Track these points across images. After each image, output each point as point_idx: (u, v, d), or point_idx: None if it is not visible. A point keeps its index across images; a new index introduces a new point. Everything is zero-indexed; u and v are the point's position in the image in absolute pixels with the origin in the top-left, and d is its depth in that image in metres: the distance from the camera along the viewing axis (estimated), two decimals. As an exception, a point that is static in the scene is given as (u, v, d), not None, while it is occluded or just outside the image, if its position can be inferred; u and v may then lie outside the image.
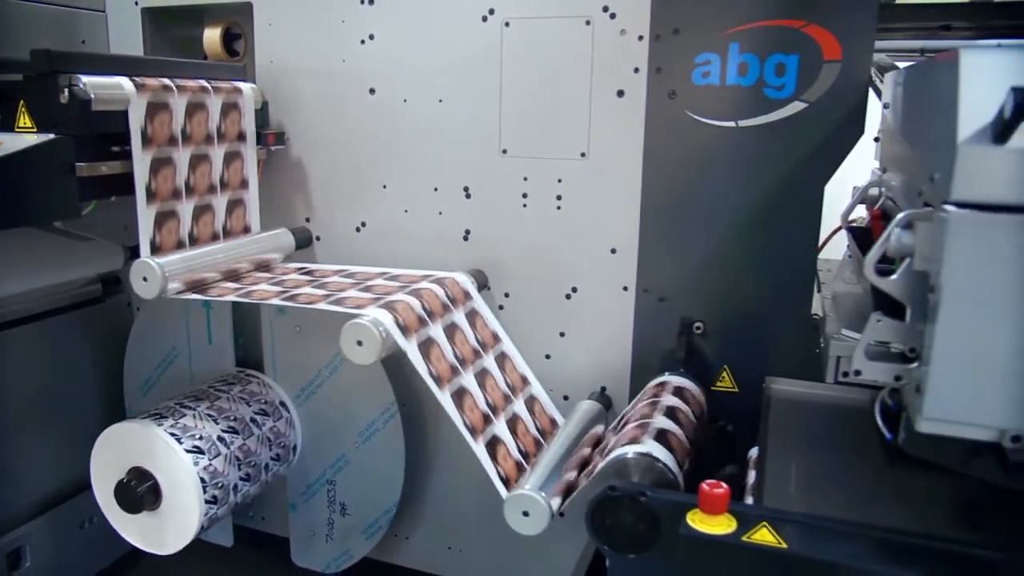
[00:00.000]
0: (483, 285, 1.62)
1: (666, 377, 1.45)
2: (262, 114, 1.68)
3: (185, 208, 1.49)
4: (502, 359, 1.50)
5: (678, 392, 1.38)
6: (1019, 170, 0.78)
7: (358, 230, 1.72)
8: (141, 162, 1.37)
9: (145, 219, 1.40)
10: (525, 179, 1.57)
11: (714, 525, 0.98)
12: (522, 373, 1.53)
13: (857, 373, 0.99)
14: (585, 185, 1.53)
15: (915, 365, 0.93)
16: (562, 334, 1.60)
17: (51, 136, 1.28)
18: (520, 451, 1.35)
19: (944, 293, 0.83)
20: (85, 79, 1.29)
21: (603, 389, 1.59)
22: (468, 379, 1.36)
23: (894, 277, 0.94)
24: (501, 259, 1.62)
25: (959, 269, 0.82)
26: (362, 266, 1.67)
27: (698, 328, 1.50)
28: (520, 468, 1.33)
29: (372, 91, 1.64)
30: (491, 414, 1.36)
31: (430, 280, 1.50)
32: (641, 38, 1.44)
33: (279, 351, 1.74)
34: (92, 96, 1.29)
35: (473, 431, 1.29)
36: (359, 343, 1.26)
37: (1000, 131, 0.77)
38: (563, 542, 1.59)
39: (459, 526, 1.77)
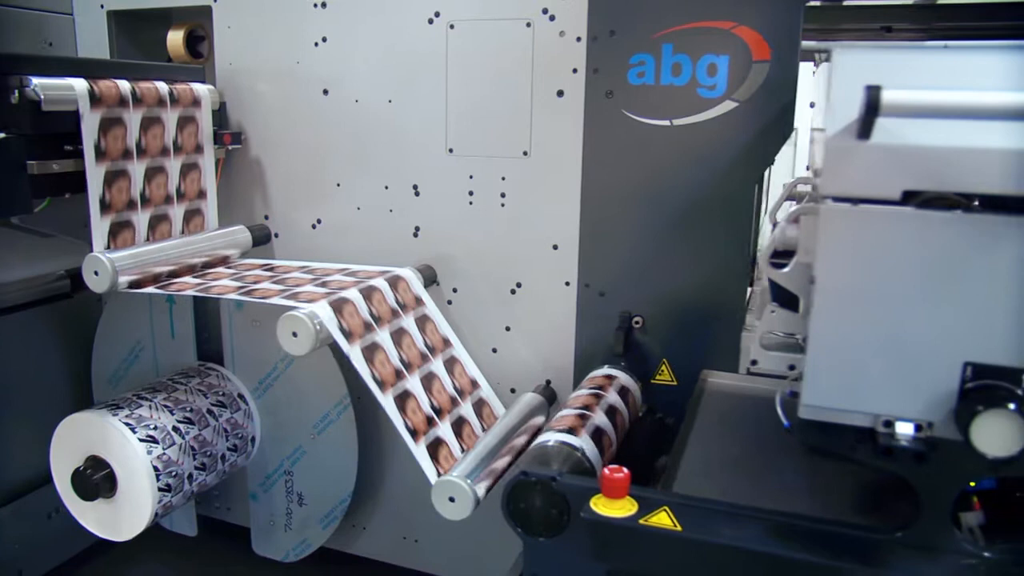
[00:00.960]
0: (432, 280, 1.66)
1: (606, 370, 1.49)
2: (220, 114, 1.73)
3: (140, 218, 1.53)
4: (452, 363, 1.54)
5: (621, 392, 1.41)
6: (883, 164, 0.82)
7: (314, 227, 1.76)
8: (95, 175, 1.42)
9: (99, 229, 1.45)
10: (471, 177, 1.61)
11: (615, 508, 1.02)
12: (472, 377, 1.57)
13: (754, 363, 1.03)
14: (528, 183, 1.57)
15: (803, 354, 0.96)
16: (508, 328, 1.64)
17: (2, 135, 1.33)
18: (463, 452, 1.39)
19: (818, 284, 0.86)
20: (36, 80, 1.34)
21: (548, 382, 1.63)
22: (413, 383, 1.40)
23: (786, 270, 0.97)
24: (449, 255, 1.66)
25: (831, 260, 0.85)
26: (322, 262, 1.71)
27: (637, 322, 1.53)
28: (463, 468, 1.36)
29: (325, 92, 1.69)
30: (435, 416, 1.40)
31: (385, 278, 1.53)
32: (579, 39, 1.48)
33: (238, 345, 1.79)
34: (42, 97, 1.34)
35: (414, 433, 1.33)
36: (294, 334, 1.30)
37: (861, 127, 0.80)
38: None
39: (414, 517, 1.81)
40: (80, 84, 1.38)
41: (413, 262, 1.66)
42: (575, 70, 1.49)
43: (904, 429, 0.86)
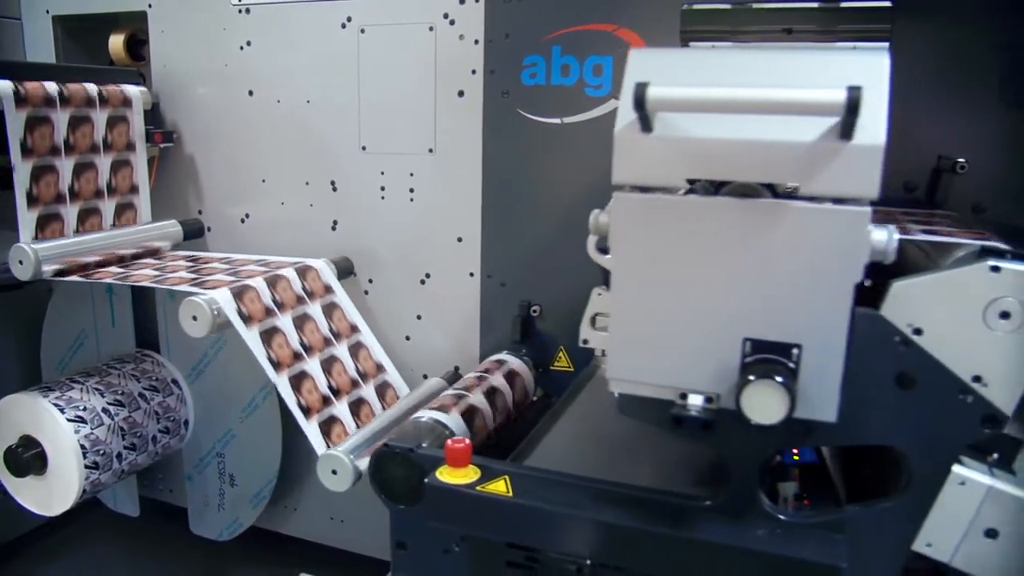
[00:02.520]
0: (349, 272, 1.75)
1: (500, 356, 1.57)
2: (155, 114, 1.83)
3: (69, 211, 1.63)
4: (357, 348, 1.62)
5: (508, 375, 1.49)
6: (665, 155, 0.89)
7: (243, 221, 1.86)
8: (21, 170, 1.51)
9: (26, 221, 1.54)
10: (382, 173, 1.69)
11: (457, 476, 1.10)
12: (378, 361, 1.65)
13: (585, 342, 1.10)
14: (433, 178, 1.65)
15: (622, 333, 1.03)
16: (419, 317, 1.73)
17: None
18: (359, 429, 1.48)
19: (614, 266, 0.94)
20: (-38, 83, 1.44)
21: (456, 368, 1.71)
22: (312, 365, 1.49)
23: (608, 255, 1.05)
24: (365, 247, 1.75)
25: (623, 244, 0.93)
26: (246, 254, 1.80)
27: (535, 311, 1.61)
28: (356, 445, 1.45)
29: (251, 93, 1.78)
30: (332, 396, 1.48)
31: (295, 268, 1.62)
32: (477, 42, 1.56)
33: (172, 333, 1.88)
34: (-33, 98, 1.44)
35: (307, 410, 1.41)
36: (194, 318, 1.39)
37: (641, 121, 0.88)
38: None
39: (340, 498, 1.88)
40: (5, 85, 1.48)
41: (332, 254, 1.75)
42: (474, 71, 1.57)
43: (696, 400, 0.93)
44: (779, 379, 0.85)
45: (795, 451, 1.13)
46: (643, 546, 1.00)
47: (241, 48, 1.77)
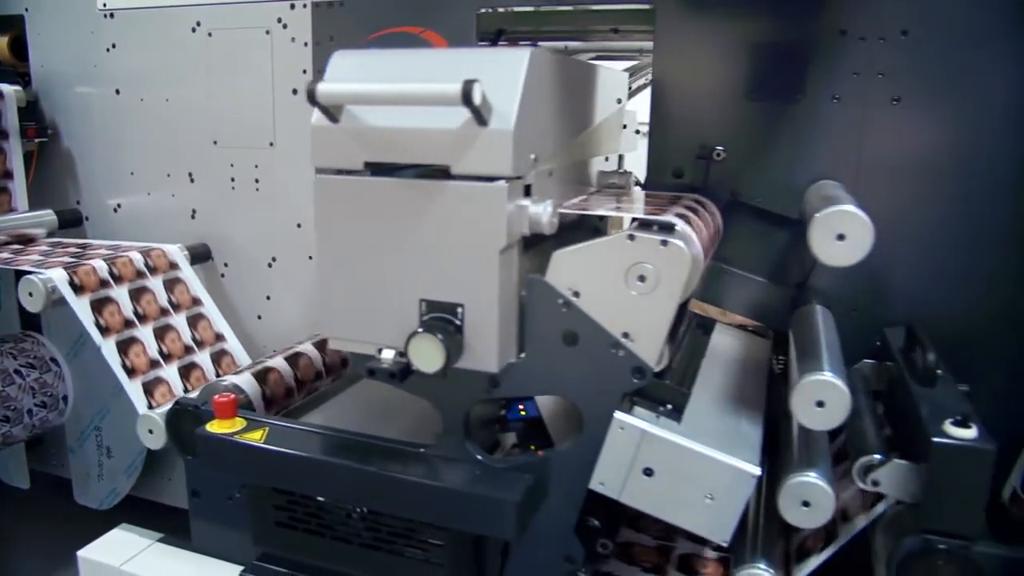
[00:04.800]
0: (207, 256, 1.89)
1: (327, 332, 1.70)
2: (33, 111, 1.98)
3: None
4: (196, 319, 1.76)
5: (319, 344, 1.63)
6: (348, 142, 1.02)
7: (115, 211, 2.00)
8: None
9: None
10: (232, 165, 1.84)
11: (223, 427, 1.23)
12: (218, 331, 1.79)
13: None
14: (275, 170, 1.79)
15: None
16: (268, 297, 1.87)
17: None
18: (186, 392, 1.62)
19: (316, 239, 1.07)
20: None
21: (301, 345, 1.84)
22: (144, 332, 1.63)
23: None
24: (220, 234, 1.89)
25: (321, 220, 1.06)
26: (114, 240, 1.95)
27: (365, 291, 1.75)
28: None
29: (117, 92, 1.93)
30: (161, 361, 1.63)
31: (140, 251, 1.76)
32: (306, 44, 1.70)
33: (52, 314, 2.02)
34: None
35: (131, 371, 1.56)
36: (30, 294, 1.54)
37: (325, 113, 1.01)
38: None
39: (210, 468, 2.04)
40: None
41: (192, 240, 1.89)
42: (304, 71, 1.71)
43: (387, 354, 1.06)
44: (439, 336, 0.99)
45: (521, 407, 1.25)
46: (367, 485, 1.13)
47: (107, 50, 1.91)
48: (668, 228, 1.02)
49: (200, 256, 1.87)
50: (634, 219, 1.05)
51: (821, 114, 1.40)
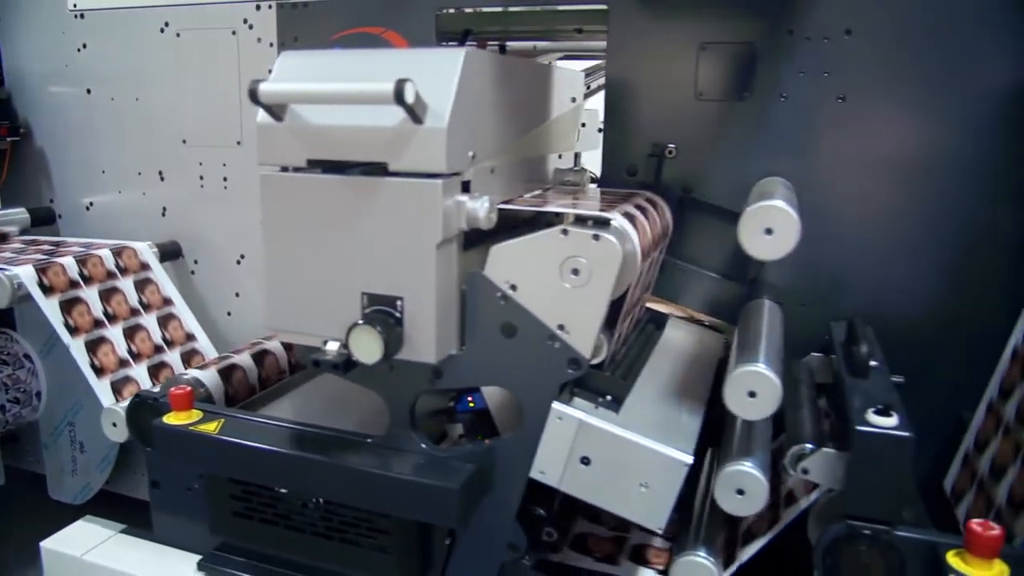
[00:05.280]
0: (177, 254, 1.92)
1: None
2: (2, 110, 2.01)
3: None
4: (167, 319, 1.79)
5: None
6: (291, 140, 1.05)
7: (88, 208, 2.03)
8: None
9: None
10: (200, 164, 1.86)
11: (179, 419, 1.26)
12: (188, 331, 1.81)
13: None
14: (242, 168, 1.82)
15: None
16: (237, 294, 1.90)
17: None
18: (155, 389, 1.65)
19: (264, 234, 1.10)
20: None
21: (269, 341, 1.87)
22: (113, 332, 1.66)
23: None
24: (190, 232, 1.92)
25: (267, 215, 1.09)
26: (87, 238, 1.97)
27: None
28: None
29: (89, 91, 1.95)
30: (131, 360, 1.65)
31: (112, 249, 1.79)
32: (272, 44, 1.73)
33: (25, 311, 2.05)
34: None
35: (99, 370, 1.59)
36: (-5, 292, 1.56)
37: (267, 111, 1.04)
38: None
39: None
40: None
41: (163, 238, 1.92)
42: (270, 71, 1.73)
43: (332, 346, 1.09)
44: (378, 328, 1.01)
45: (470, 399, 1.28)
46: (315, 474, 1.16)
47: (78, 50, 1.94)
48: (603, 223, 1.05)
49: (170, 253, 1.90)
50: (569, 215, 1.08)
51: (769, 112, 1.43)
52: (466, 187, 1.06)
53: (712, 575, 1.10)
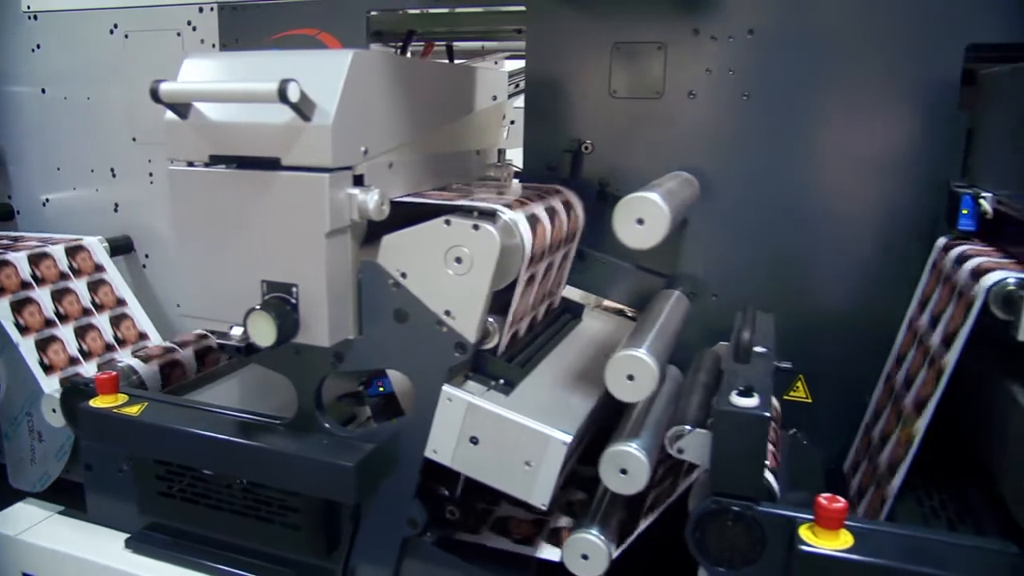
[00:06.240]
0: (129, 248, 1.98)
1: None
2: (-34, 110, 2.08)
3: None
4: (120, 319, 1.85)
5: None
6: (195, 136, 1.11)
7: (44, 205, 2.10)
8: None
9: None
10: (150, 161, 1.93)
11: (105, 402, 1.32)
12: (141, 331, 1.87)
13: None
14: (188, 165, 1.88)
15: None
16: (185, 287, 1.96)
17: None
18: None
19: (174, 225, 1.16)
20: None
21: (216, 332, 1.94)
22: (64, 331, 1.72)
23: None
24: (141, 227, 1.98)
25: (176, 207, 1.15)
26: (43, 233, 2.04)
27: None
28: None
29: (43, 91, 2.02)
30: (81, 358, 1.72)
31: (65, 246, 1.85)
32: (214, 46, 1.79)
33: (-14, 304, 2.12)
34: None
35: (48, 368, 1.65)
36: (-57, 285, 1.63)
37: (175, 109, 1.10)
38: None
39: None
40: None
41: (114, 233, 1.98)
42: (208, 71, 1.80)
43: (237, 331, 1.15)
44: (272, 312, 1.08)
45: (379, 384, 1.34)
46: (226, 454, 1.22)
47: (32, 51, 2.00)
48: (488, 215, 1.10)
49: (122, 248, 1.96)
50: (459, 206, 1.13)
51: (679, 109, 1.48)
52: (359, 180, 1.12)
53: (599, 549, 1.16)
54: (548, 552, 1.29)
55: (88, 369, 1.72)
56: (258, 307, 1.09)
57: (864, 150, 1.40)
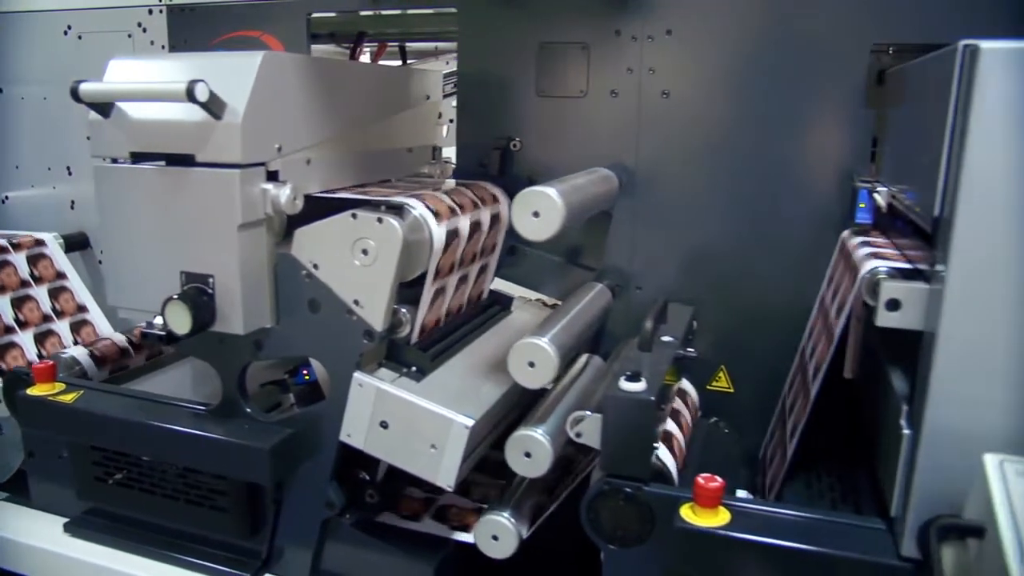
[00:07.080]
0: (85, 244, 2.04)
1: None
2: (-71, 109, 2.12)
3: None
4: (80, 324, 1.90)
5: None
6: (116, 134, 1.17)
7: (3, 202, 2.15)
8: None
9: None
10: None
11: (42, 390, 1.38)
12: (101, 336, 1.92)
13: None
14: (140, 162, 1.93)
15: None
16: (140, 282, 2.01)
17: None
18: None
19: (100, 218, 1.21)
20: None
21: (169, 326, 1.99)
22: (23, 338, 1.77)
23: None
24: (97, 222, 2.03)
25: (100, 203, 1.20)
26: (9, 231, 2.09)
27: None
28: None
29: (1, 91, 2.07)
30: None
31: (26, 254, 1.89)
32: (164, 47, 1.85)
33: (-52, 299, 2.17)
34: None
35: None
36: None
37: (96, 108, 1.16)
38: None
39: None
40: None
41: (72, 229, 2.03)
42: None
43: (159, 320, 1.20)
44: (187, 301, 1.13)
45: (305, 373, 1.40)
46: (152, 439, 1.28)
47: (-9, 52, 2.06)
48: (396, 209, 1.16)
49: (78, 244, 2.01)
50: (368, 201, 1.19)
51: (602, 107, 1.53)
52: (274, 176, 1.17)
53: (507, 531, 1.21)
54: (465, 535, 1.34)
55: (48, 367, 1.76)
56: (175, 296, 1.14)
57: (779, 147, 1.44)
